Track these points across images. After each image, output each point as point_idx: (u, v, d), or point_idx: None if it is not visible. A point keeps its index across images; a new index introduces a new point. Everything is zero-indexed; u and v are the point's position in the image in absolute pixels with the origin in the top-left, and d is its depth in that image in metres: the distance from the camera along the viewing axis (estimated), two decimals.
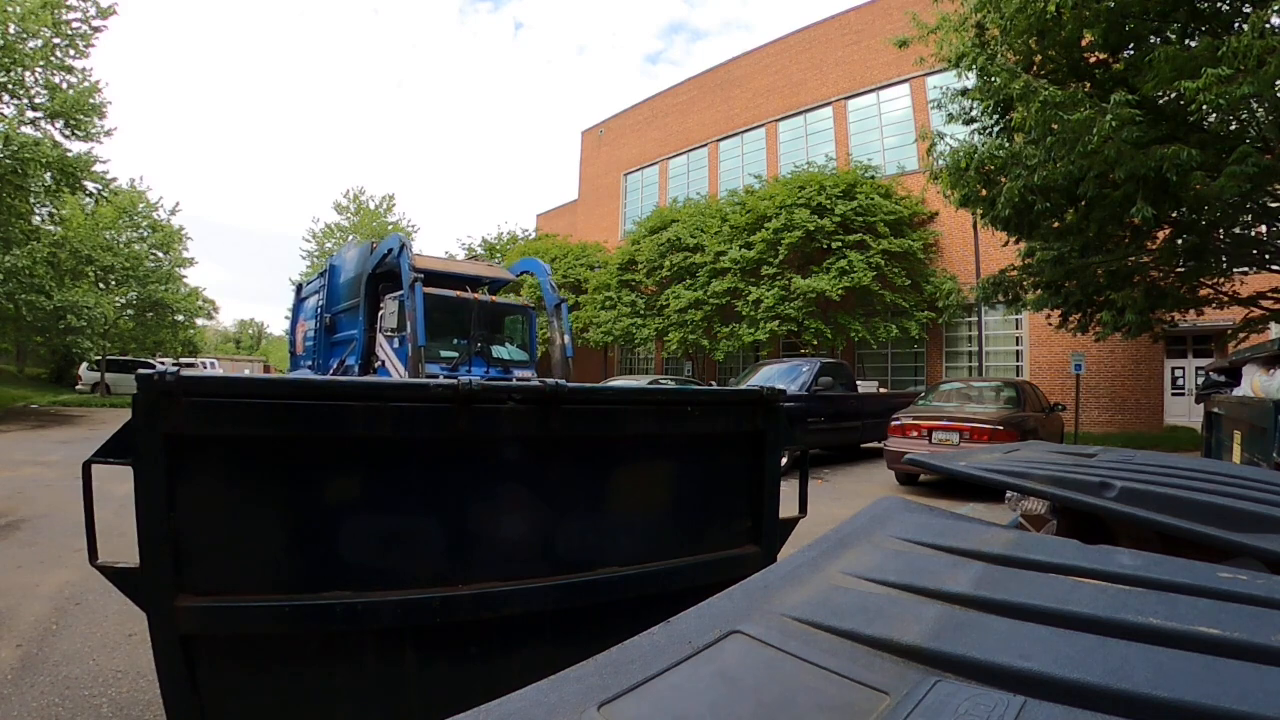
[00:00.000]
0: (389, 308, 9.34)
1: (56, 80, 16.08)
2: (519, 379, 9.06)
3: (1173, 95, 7.89)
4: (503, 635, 1.91)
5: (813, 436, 10.15)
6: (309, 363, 12.83)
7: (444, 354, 9.21)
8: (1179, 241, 9.64)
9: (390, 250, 9.59)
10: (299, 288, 15.13)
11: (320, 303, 12.18)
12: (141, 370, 1.64)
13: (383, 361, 9.73)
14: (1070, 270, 10.43)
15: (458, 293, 9.82)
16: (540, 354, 12.03)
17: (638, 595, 2.04)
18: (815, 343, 17.53)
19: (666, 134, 27.29)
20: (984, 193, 10.07)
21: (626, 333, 22.62)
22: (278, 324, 77.34)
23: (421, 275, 8.76)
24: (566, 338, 10.35)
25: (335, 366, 11.06)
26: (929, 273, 18.14)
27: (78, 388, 25.30)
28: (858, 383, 12.98)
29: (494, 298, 10.75)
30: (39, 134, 15.76)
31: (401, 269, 8.88)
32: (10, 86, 15.17)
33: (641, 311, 22.53)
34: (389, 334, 9.29)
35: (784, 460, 2.80)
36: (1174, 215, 9.21)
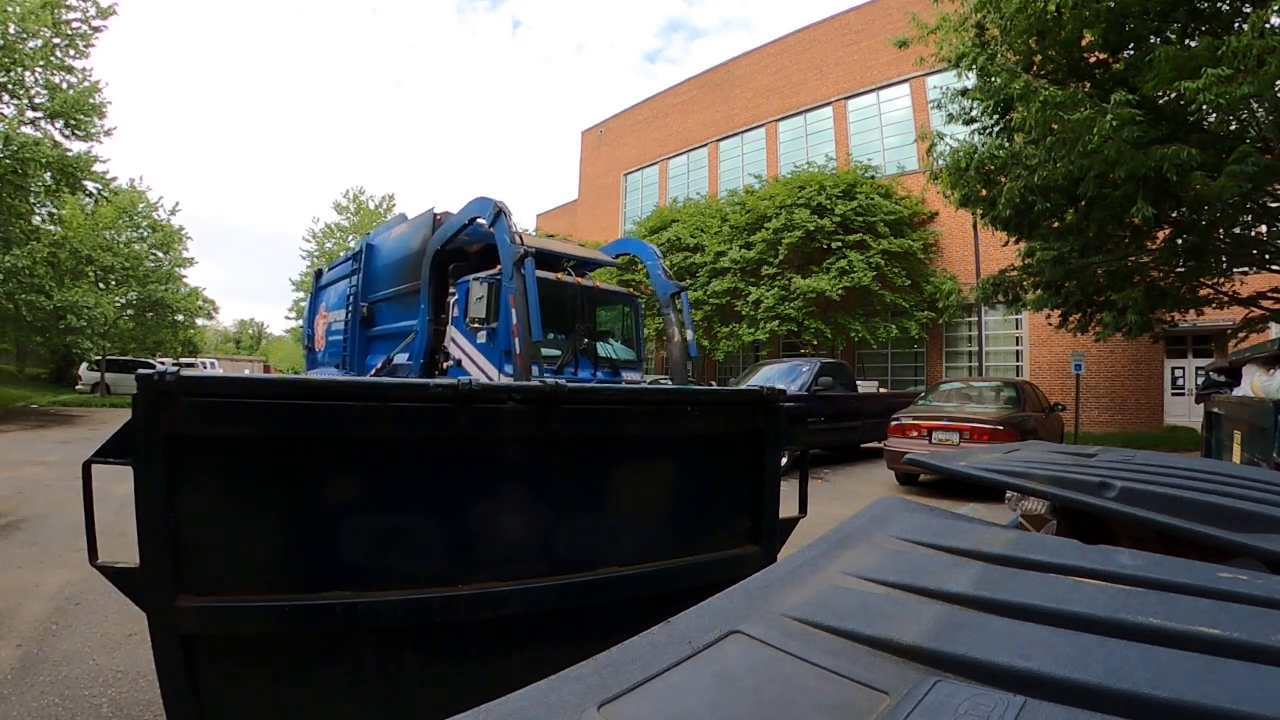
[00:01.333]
0: (476, 292, 7.39)
1: (56, 80, 16.11)
2: (628, 382, 8.06)
3: (1173, 95, 7.90)
4: (503, 635, 1.91)
5: (813, 436, 10.12)
6: (334, 362, 10.78)
7: (545, 352, 7.41)
8: (1179, 241, 9.65)
9: (474, 220, 7.73)
10: (318, 274, 13.01)
11: (352, 289, 10.20)
12: (141, 370, 1.64)
13: (458, 361, 7.95)
14: (1070, 270, 10.44)
15: (558, 275, 7.98)
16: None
17: (638, 595, 2.04)
18: (815, 343, 17.53)
19: (666, 134, 27.30)
20: (984, 193, 10.08)
21: None
22: (278, 324, 77.37)
23: (532, 251, 7.00)
24: (690, 333, 8.81)
25: (379, 366, 9.05)
26: (929, 273, 18.15)
27: (78, 388, 25.29)
28: (858, 383, 12.98)
29: (597, 283, 8.94)
30: (39, 134, 15.77)
31: (499, 242, 7.18)
32: (10, 86, 15.18)
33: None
34: (475, 325, 7.46)
35: (784, 460, 2.80)
36: (1174, 215, 9.21)
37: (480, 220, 7.67)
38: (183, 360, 27.59)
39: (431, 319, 8.39)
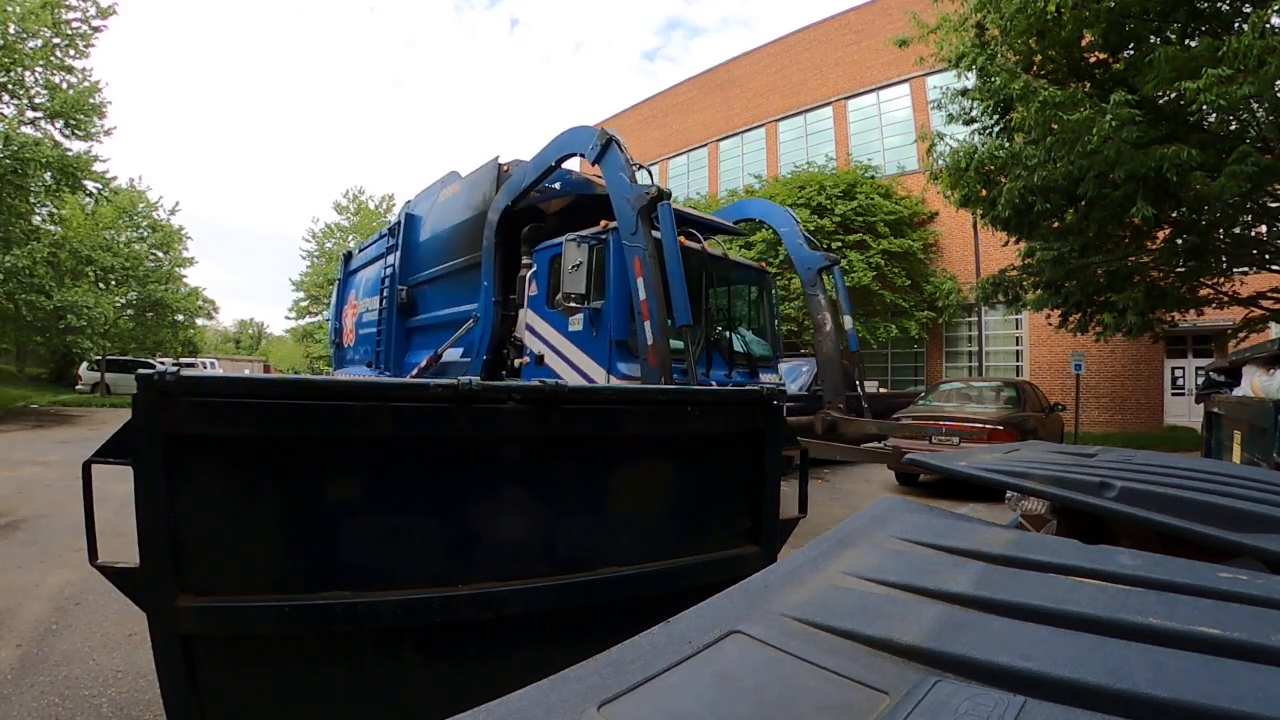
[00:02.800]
0: (571, 257, 5.26)
1: (56, 80, 16.11)
2: (765, 386, 6.14)
3: (1173, 95, 7.91)
4: (503, 635, 1.91)
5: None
6: (366, 359, 8.99)
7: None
8: (1179, 241, 9.65)
9: (561, 162, 5.78)
10: (347, 256, 10.95)
11: (388, 271, 8.26)
12: (141, 370, 1.64)
13: (538, 356, 5.95)
14: (1070, 270, 10.44)
15: (679, 238, 5.47)
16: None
17: (638, 595, 2.04)
18: None
19: (666, 134, 27.29)
20: (984, 193, 10.08)
21: None
22: (278, 324, 77.49)
23: (668, 191, 4.98)
24: (848, 319, 7.00)
25: (423, 365, 7.05)
26: (929, 273, 18.15)
27: (78, 388, 25.30)
28: (857, 382, 12.93)
29: (726, 251, 6.74)
30: (39, 134, 15.78)
31: (613, 184, 5.09)
32: (10, 86, 15.18)
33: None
34: (569, 305, 5.36)
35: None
36: (1174, 215, 9.22)
37: (572, 163, 5.76)
38: (183, 360, 27.58)
39: (498, 300, 6.37)
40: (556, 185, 6.33)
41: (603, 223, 5.50)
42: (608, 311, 5.42)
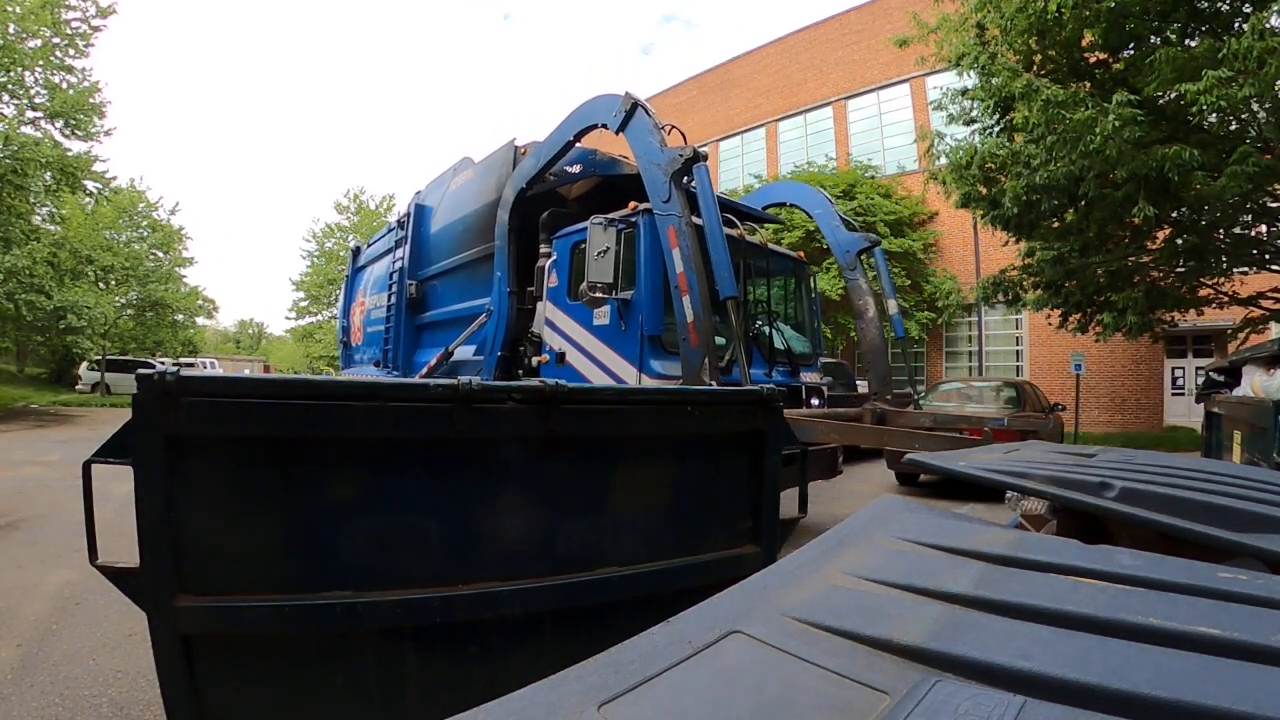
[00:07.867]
0: (597, 241, 4.76)
1: (56, 80, 16.13)
2: (807, 384, 6.13)
3: (1173, 96, 7.91)
4: (503, 635, 1.91)
5: None
6: (374, 359, 8.62)
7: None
8: (1179, 241, 9.67)
9: (581, 135, 5.38)
10: (355, 252, 10.78)
11: (397, 265, 7.92)
12: (141, 370, 1.64)
13: (559, 354, 5.49)
14: (1070, 270, 10.45)
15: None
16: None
17: (638, 595, 2.04)
18: None
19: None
20: (984, 192, 10.09)
21: None
22: (278, 324, 77.58)
23: (700, 155, 4.58)
24: (892, 303, 6.91)
25: (432, 364, 6.66)
26: (929, 273, 18.15)
27: (78, 388, 25.31)
28: (857, 383, 12.96)
29: (763, 239, 6.35)
30: (39, 134, 15.80)
31: (640, 151, 4.78)
32: (10, 86, 15.19)
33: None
34: (594, 295, 4.80)
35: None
36: (1174, 215, 9.23)
37: (592, 139, 5.33)
38: (183, 360, 27.58)
39: (513, 290, 5.94)
40: (577, 167, 5.95)
41: (632, 204, 5.11)
42: (639, 302, 4.96)
